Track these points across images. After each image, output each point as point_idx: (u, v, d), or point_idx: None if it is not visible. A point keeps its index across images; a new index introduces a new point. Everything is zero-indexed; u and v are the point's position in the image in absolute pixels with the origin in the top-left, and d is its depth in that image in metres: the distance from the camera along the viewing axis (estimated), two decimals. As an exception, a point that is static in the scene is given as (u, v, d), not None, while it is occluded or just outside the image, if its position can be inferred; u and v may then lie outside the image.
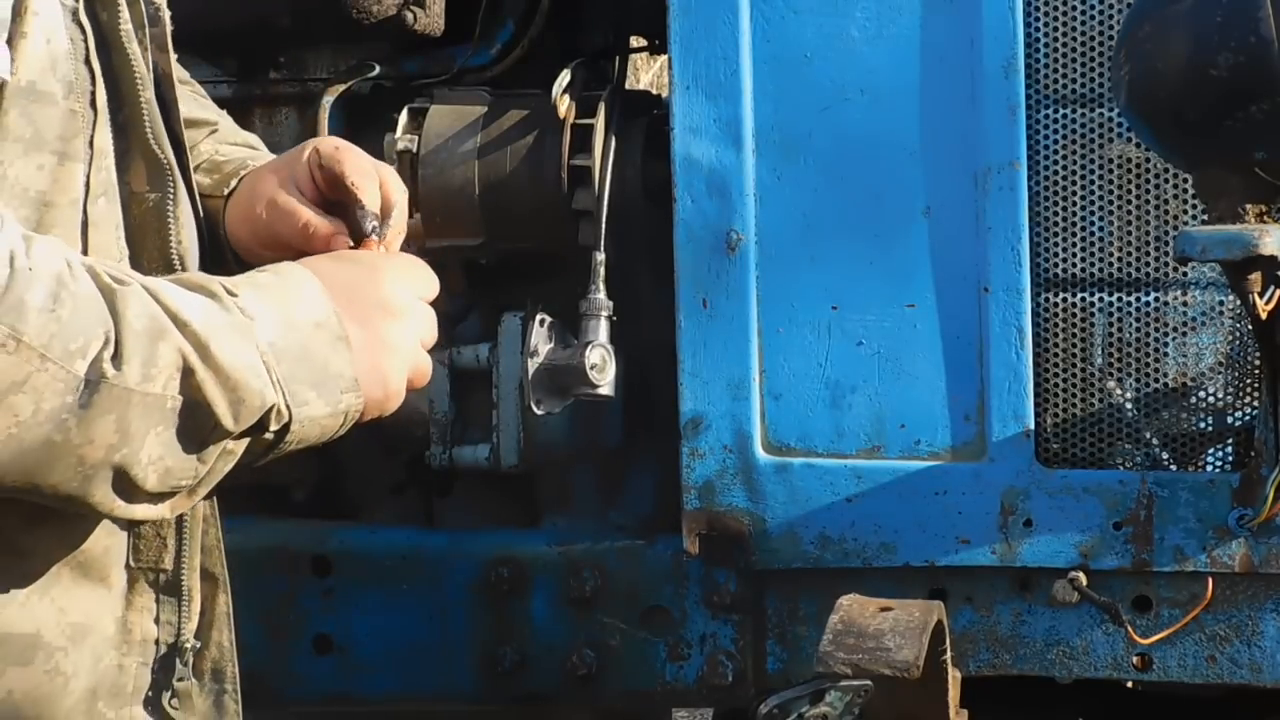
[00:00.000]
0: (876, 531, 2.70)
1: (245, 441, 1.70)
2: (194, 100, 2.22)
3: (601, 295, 2.80)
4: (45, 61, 1.69)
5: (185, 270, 1.85)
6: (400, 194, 2.03)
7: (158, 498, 1.67)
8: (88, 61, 1.75)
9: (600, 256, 2.80)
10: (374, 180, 2.00)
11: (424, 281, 1.89)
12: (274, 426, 1.70)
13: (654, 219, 2.81)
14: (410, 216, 2.83)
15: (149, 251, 1.83)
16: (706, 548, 2.76)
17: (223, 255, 2.04)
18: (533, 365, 2.81)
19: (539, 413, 2.83)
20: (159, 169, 1.83)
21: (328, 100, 2.97)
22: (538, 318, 2.83)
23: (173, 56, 1.92)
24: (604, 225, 2.81)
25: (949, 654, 2.35)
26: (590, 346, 2.77)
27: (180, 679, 1.86)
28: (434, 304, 1.93)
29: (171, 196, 1.83)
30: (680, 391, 2.73)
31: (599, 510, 3.02)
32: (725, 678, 2.80)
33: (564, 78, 2.83)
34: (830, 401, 2.71)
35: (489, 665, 2.89)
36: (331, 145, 2.03)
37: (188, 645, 1.86)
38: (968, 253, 2.64)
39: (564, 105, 2.83)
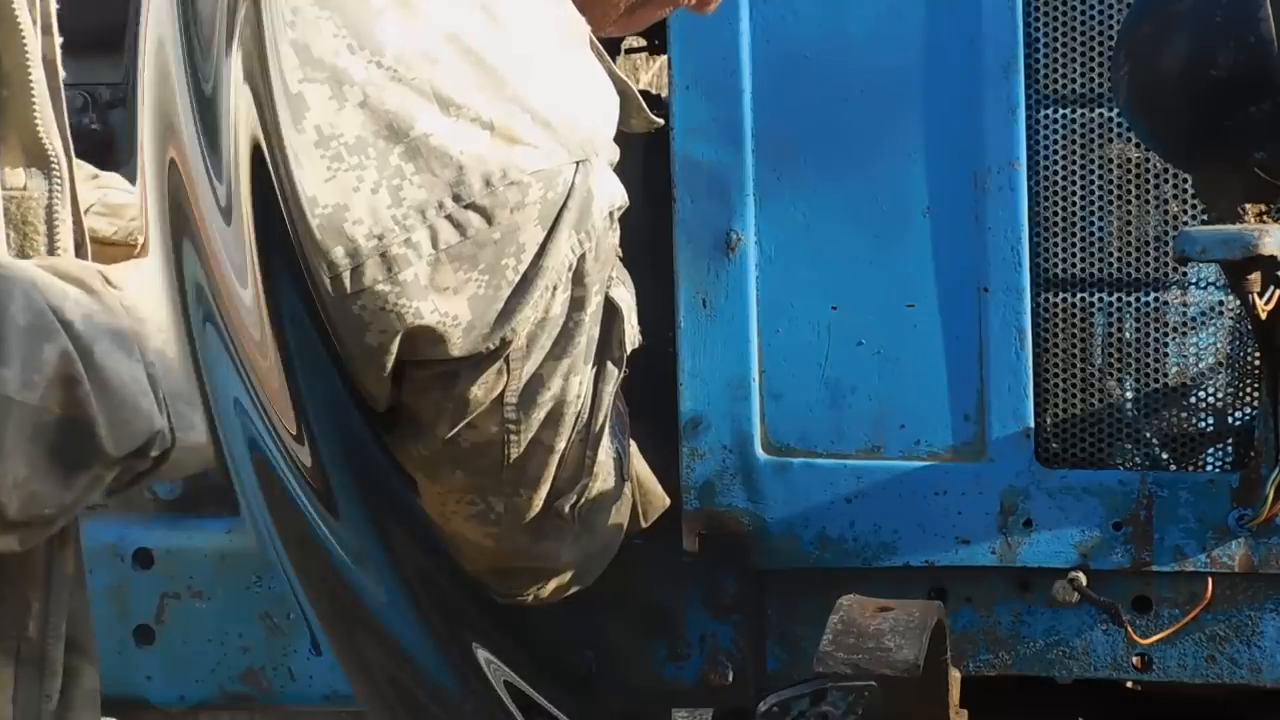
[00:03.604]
0: (876, 531, 2.70)
1: (118, 469, 1.42)
2: None
3: (601, 295, 2.80)
4: None
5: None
6: None
7: (13, 527, 1.36)
8: None
9: (600, 256, 2.80)
10: None
11: None
12: (154, 453, 1.41)
13: (654, 219, 2.81)
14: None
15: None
16: (706, 548, 2.76)
17: None
18: (533, 365, 2.81)
19: (539, 413, 2.83)
20: (43, 161, 1.50)
21: (328, 100, 2.97)
22: (538, 318, 2.82)
23: (57, 40, 1.62)
24: (604, 225, 2.81)
25: (949, 654, 2.34)
26: (590, 346, 2.77)
27: None
28: None
29: (59, 194, 1.49)
30: (680, 391, 2.73)
31: (599, 510, 3.02)
32: (725, 678, 2.80)
33: (564, 78, 2.82)
34: (830, 401, 2.70)
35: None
36: None
37: None
38: (967, 253, 2.64)
39: (564, 105, 2.82)
